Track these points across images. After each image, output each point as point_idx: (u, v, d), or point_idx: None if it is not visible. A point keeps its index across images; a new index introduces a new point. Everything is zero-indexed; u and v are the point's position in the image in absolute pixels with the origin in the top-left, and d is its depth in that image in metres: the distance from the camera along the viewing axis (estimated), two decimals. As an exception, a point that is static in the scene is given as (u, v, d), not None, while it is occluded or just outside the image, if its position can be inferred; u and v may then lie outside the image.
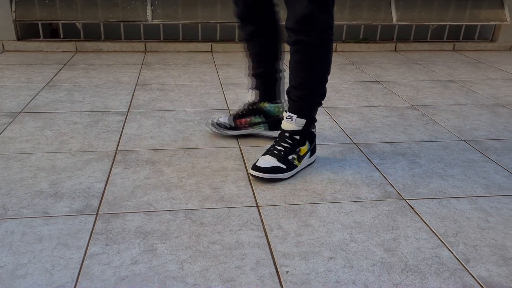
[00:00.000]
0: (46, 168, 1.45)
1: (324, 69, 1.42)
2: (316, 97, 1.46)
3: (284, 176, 1.42)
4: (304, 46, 1.37)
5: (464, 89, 2.43)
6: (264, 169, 1.40)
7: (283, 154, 1.43)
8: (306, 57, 1.38)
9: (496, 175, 1.49)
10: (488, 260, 1.08)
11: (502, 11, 3.34)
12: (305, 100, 1.44)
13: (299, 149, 1.45)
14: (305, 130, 1.46)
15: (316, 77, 1.43)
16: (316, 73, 1.42)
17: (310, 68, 1.40)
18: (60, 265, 1.02)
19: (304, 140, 1.46)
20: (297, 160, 1.45)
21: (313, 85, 1.43)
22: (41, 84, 2.30)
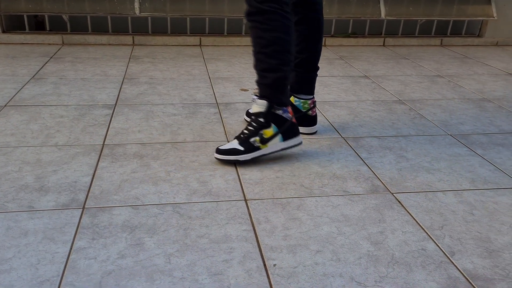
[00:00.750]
0: (32, 162, 1.43)
1: (261, 42, 1.38)
2: (265, 75, 1.41)
3: (242, 158, 1.43)
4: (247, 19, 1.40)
5: (451, 84, 2.45)
6: (222, 151, 1.44)
7: (244, 136, 1.45)
8: (250, 31, 1.41)
9: (482, 169, 1.51)
10: (472, 252, 1.09)
11: (489, 7, 3.37)
12: (259, 79, 1.43)
13: (262, 131, 1.44)
14: (269, 112, 1.44)
15: (257, 51, 1.39)
16: (256, 46, 1.39)
17: (253, 43, 1.41)
18: (46, 259, 1.01)
19: (269, 123, 1.44)
20: (261, 143, 1.44)
21: (257, 61, 1.41)
22: (26, 77, 2.27)
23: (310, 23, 1.59)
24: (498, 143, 1.71)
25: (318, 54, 1.63)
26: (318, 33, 1.60)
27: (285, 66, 1.41)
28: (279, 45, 1.38)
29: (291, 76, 1.66)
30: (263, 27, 1.37)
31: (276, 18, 1.36)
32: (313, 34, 1.60)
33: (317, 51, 1.62)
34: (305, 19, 1.58)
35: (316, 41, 1.61)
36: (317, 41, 1.61)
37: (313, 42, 1.60)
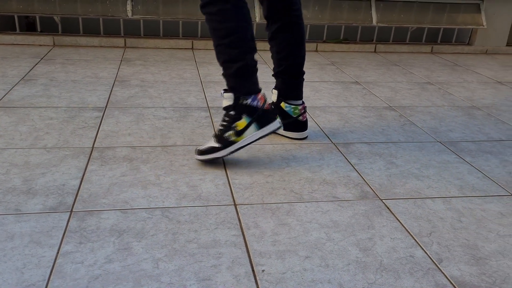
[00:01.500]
0: (20, 164, 1.42)
1: (218, 34, 1.38)
2: (227, 66, 1.41)
3: (220, 155, 1.44)
4: None
5: (441, 91, 2.48)
6: (201, 152, 1.46)
7: (219, 132, 1.46)
8: (207, 24, 1.42)
9: (470, 176, 1.52)
10: (460, 259, 1.10)
11: (478, 15, 3.41)
12: (223, 71, 1.43)
13: (235, 124, 1.44)
14: (237, 104, 1.43)
15: (216, 43, 1.40)
16: (214, 38, 1.40)
17: (211, 35, 1.41)
18: (32, 263, 1.00)
19: (240, 114, 1.44)
20: (235, 136, 1.44)
21: (218, 54, 1.42)
22: (16, 78, 2.25)
23: (291, 29, 1.59)
24: (486, 151, 1.73)
25: (302, 60, 1.63)
26: (300, 38, 1.61)
27: (247, 54, 1.40)
28: (236, 34, 1.37)
29: (277, 81, 1.67)
30: (218, 18, 1.36)
31: (228, 8, 1.35)
32: (294, 40, 1.60)
33: (301, 57, 1.63)
34: (285, 25, 1.59)
35: (298, 46, 1.61)
36: (300, 47, 1.62)
37: (295, 48, 1.61)
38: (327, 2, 3.21)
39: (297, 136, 1.71)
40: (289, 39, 1.60)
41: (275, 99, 1.69)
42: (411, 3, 3.32)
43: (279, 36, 1.61)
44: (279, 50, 1.62)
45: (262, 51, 3.16)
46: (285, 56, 1.62)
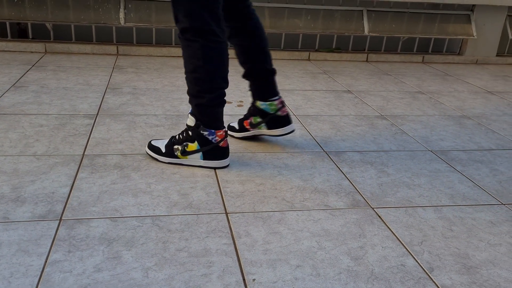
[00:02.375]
0: (8, 172, 1.40)
1: (186, 66, 1.43)
2: (190, 96, 1.46)
3: (159, 159, 1.53)
4: None
5: (432, 100, 2.49)
6: (150, 145, 1.55)
7: (172, 141, 1.52)
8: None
9: (461, 185, 1.52)
10: (451, 268, 1.10)
11: (469, 26, 3.45)
12: (189, 98, 1.49)
13: (186, 144, 1.49)
14: (194, 129, 1.47)
15: (184, 72, 1.48)
16: (184, 67, 1.46)
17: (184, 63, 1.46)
18: (19, 272, 0.98)
19: (194, 139, 1.48)
20: (181, 153, 1.49)
21: (186, 81, 1.47)
22: (6, 85, 2.23)
23: (247, 32, 1.58)
24: (477, 160, 1.74)
25: (261, 64, 1.61)
26: (259, 38, 1.59)
27: (208, 94, 1.42)
28: (198, 73, 1.41)
29: (249, 83, 1.67)
30: (187, 51, 1.41)
31: (197, 47, 1.38)
32: (254, 42, 1.59)
33: (260, 61, 1.61)
34: (240, 29, 1.58)
35: (258, 47, 1.60)
36: (260, 47, 1.60)
37: (255, 49, 1.60)
38: (320, 11, 3.24)
39: (281, 132, 1.69)
40: (247, 42, 1.59)
41: (252, 99, 1.70)
42: (402, 13, 3.35)
43: (235, 40, 1.60)
44: (238, 54, 1.62)
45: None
46: (245, 60, 1.62)
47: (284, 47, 3.40)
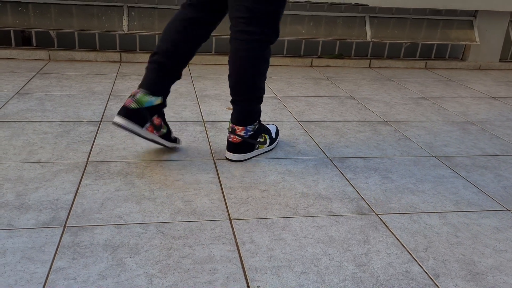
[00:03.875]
0: (13, 179, 1.40)
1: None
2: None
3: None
4: None
5: (435, 106, 2.49)
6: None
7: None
8: None
9: (465, 191, 1.52)
10: (457, 275, 1.09)
11: (471, 32, 3.45)
12: None
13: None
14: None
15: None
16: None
17: None
18: (23, 279, 0.98)
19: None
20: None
21: None
22: (11, 92, 2.24)
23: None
24: (481, 166, 1.73)
25: (232, 83, 1.57)
26: (233, 60, 1.53)
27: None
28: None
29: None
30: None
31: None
32: (231, 59, 1.54)
33: (231, 81, 1.57)
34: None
35: (231, 65, 1.54)
36: (233, 66, 1.54)
37: (229, 66, 1.55)
38: (322, 18, 3.25)
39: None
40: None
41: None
42: (404, 19, 3.36)
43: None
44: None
45: (257, 66, 3.17)
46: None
47: (287, 54, 3.41)
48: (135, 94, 1.52)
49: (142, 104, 1.51)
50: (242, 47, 1.49)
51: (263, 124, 1.68)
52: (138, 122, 1.51)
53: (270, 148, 1.72)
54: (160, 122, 1.58)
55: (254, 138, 1.62)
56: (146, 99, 1.52)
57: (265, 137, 1.67)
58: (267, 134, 1.68)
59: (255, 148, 1.65)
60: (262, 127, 1.66)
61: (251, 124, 1.60)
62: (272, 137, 1.72)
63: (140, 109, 1.51)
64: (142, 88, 1.53)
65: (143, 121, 1.52)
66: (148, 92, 1.53)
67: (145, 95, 1.52)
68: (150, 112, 1.54)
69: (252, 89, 1.54)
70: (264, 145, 1.68)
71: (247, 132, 1.60)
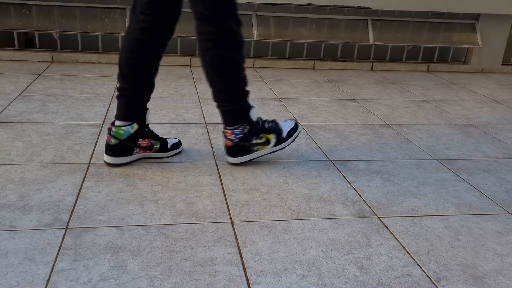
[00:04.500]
0: (15, 180, 1.41)
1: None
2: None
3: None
4: None
5: (437, 109, 2.49)
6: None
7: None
8: None
9: (467, 194, 1.52)
10: (458, 278, 1.09)
11: (474, 35, 3.45)
12: None
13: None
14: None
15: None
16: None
17: None
18: (25, 281, 0.98)
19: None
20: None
21: None
22: (14, 94, 2.25)
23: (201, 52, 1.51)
24: (483, 169, 1.73)
25: (212, 87, 1.53)
26: (204, 64, 1.50)
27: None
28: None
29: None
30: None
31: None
32: (203, 63, 1.51)
33: (211, 86, 1.54)
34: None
35: (205, 70, 1.52)
36: (206, 71, 1.51)
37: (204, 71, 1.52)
38: (324, 20, 3.25)
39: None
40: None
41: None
42: (407, 22, 3.36)
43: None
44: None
45: (259, 68, 3.18)
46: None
47: (289, 56, 3.42)
48: (111, 129, 1.53)
49: (121, 137, 1.52)
50: (201, 49, 1.45)
51: (266, 124, 1.60)
52: (126, 154, 1.55)
53: (278, 148, 1.63)
54: (148, 143, 1.57)
55: (247, 140, 1.56)
56: (122, 131, 1.52)
57: (268, 138, 1.59)
58: (271, 134, 1.60)
59: (254, 150, 1.59)
60: (259, 127, 1.57)
61: (236, 127, 1.54)
62: (282, 137, 1.62)
63: (121, 143, 1.52)
64: (115, 120, 1.54)
65: (130, 151, 1.55)
66: (121, 124, 1.52)
67: (120, 128, 1.52)
68: (132, 140, 1.54)
69: (223, 90, 1.49)
70: (266, 146, 1.60)
71: (236, 135, 1.55)
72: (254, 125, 1.56)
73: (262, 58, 3.26)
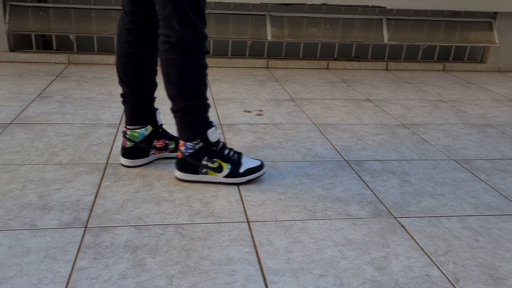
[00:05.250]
0: (35, 180, 1.43)
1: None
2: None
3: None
4: None
5: (454, 109, 2.47)
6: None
7: None
8: None
9: (486, 195, 1.50)
10: (477, 279, 1.08)
11: (491, 33, 3.41)
12: None
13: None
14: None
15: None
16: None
17: None
18: (47, 278, 1.00)
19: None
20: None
21: None
22: (32, 95, 2.29)
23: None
24: (501, 169, 1.71)
25: (168, 96, 1.48)
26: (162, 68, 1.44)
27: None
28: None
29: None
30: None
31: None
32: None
33: (167, 92, 1.48)
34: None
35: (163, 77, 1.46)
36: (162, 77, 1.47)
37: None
38: (339, 20, 3.24)
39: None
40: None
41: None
42: (422, 21, 3.33)
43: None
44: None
45: (273, 68, 3.18)
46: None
47: (303, 56, 3.41)
48: (126, 132, 1.54)
49: (136, 139, 1.54)
50: (159, 49, 1.39)
51: (227, 151, 1.46)
52: (142, 156, 1.57)
53: (229, 181, 1.46)
54: (162, 143, 1.59)
55: (196, 159, 1.43)
56: (137, 133, 1.54)
57: (222, 165, 1.44)
58: (228, 163, 1.45)
59: (201, 172, 1.45)
60: (214, 150, 1.44)
61: (189, 141, 1.42)
62: (237, 171, 1.46)
63: (136, 145, 1.54)
64: (127, 125, 1.55)
65: (146, 152, 1.57)
66: (134, 128, 1.54)
67: (134, 131, 1.53)
68: (147, 142, 1.55)
69: (173, 98, 1.40)
70: (217, 173, 1.45)
71: (186, 148, 1.43)
72: (210, 146, 1.43)
73: (276, 59, 3.26)
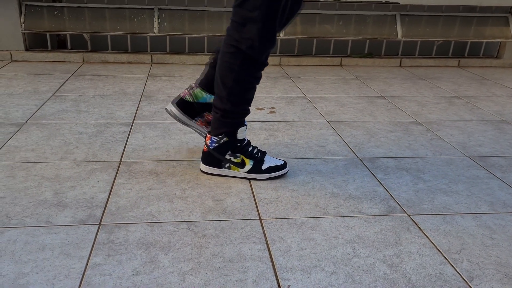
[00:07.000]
0: (50, 178, 1.45)
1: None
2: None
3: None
4: None
5: (469, 105, 2.43)
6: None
7: None
8: None
9: (501, 192, 1.48)
10: (492, 278, 1.07)
11: (507, 29, 3.35)
12: None
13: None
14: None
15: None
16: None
17: None
18: (62, 274, 1.02)
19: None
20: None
21: None
22: (47, 94, 2.32)
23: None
24: (517, 166, 1.68)
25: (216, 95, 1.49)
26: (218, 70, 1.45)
27: None
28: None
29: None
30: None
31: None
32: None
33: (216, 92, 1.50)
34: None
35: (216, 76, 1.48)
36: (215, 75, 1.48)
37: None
38: (352, 17, 3.22)
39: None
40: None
41: None
42: (437, 17, 3.29)
43: None
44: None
45: (286, 65, 3.18)
46: None
47: (316, 53, 3.40)
48: (193, 88, 1.59)
49: (197, 98, 1.58)
50: (222, 49, 1.40)
51: (251, 148, 1.50)
52: (190, 114, 1.60)
53: (251, 176, 1.49)
54: (210, 120, 1.60)
55: (220, 153, 1.47)
56: (202, 95, 1.58)
57: (244, 160, 1.48)
58: (250, 159, 1.48)
59: (225, 167, 1.49)
60: (239, 145, 1.47)
61: (216, 135, 1.46)
62: (259, 168, 1.48)
63: (194, 103, 1.59)
64: (200, 85, 1.59)
65: (195, 114, 1.60)
66: (205, 90, 1.59)
67: (202, 91, 1.58)
68: (202, 107, 1.59)
69: (222, 98, 1.42)
70: (239, 168, 1.48)
71: (211, 142, 1.47)
72: (235, 141, 1.46)
73: (288, 56, 3.25)
